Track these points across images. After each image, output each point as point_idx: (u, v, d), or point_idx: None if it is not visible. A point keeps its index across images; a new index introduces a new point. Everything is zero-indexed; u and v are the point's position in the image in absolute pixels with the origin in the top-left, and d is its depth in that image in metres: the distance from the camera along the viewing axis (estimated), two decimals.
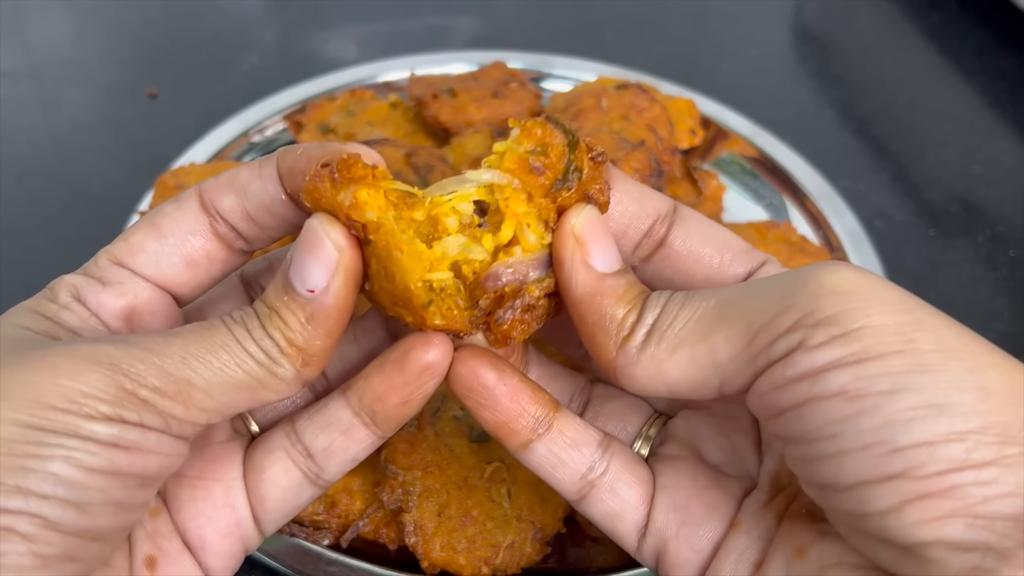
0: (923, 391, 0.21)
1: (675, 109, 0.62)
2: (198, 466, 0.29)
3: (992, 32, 0.82)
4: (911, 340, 0.21)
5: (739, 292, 0.25)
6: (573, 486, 0.30)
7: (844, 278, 0.23)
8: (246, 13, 0.83)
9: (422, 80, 0.62)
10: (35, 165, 0.64)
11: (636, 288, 0.27)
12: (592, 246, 0.27)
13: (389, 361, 0.29)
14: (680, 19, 0.85)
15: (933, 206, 0.65)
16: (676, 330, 0.26)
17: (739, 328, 0.24)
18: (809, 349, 0.22)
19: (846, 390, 0.22)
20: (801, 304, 0.23)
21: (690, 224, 0.30)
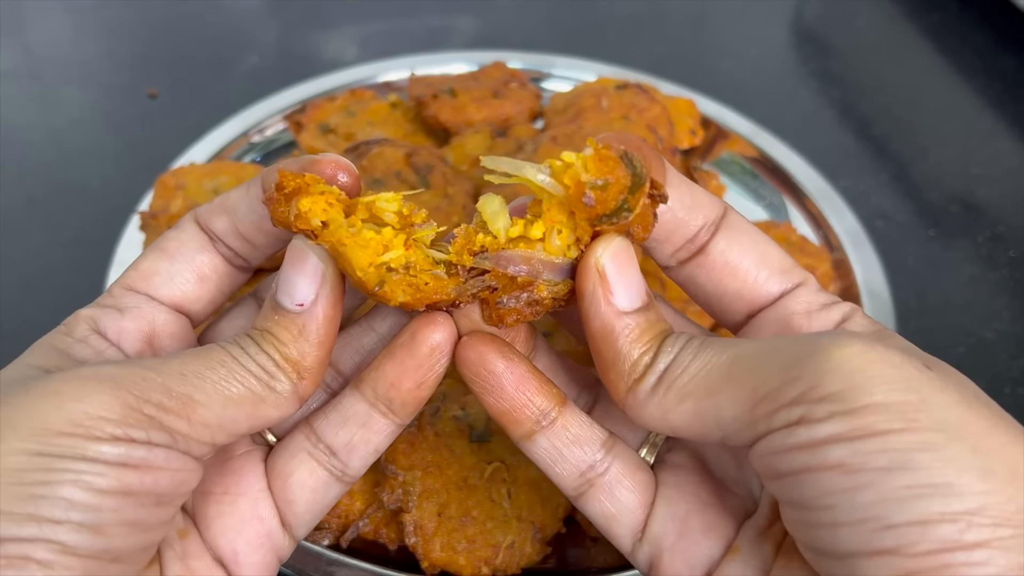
0: (921, 470, 0.21)
1: (675, 109, 0.62)
2: (221, 482, 0.30)
3: (992, 32, 0.82)
4: (914, 419, 0.22)
5: (749, 353, 0.25)
6: (572, 482, 0.30)
7: (852, 354, 0.23)
8: (246, 13, 0.83)
9: (422, 80, 0.62)
10: (35, 165, 0.64)
11: (655, 328, 0.27)
12: (615, 283, 0.27)
13: (398, 347, 0.29)
14: (680, 19, 0.85)
15: (933, 206, 0.65)
16: (684, 382, 0.26)
17: (744, 392, 0.24)
18: (810, 423, 0.22)
19: (844, 464, 0.22)
20: (806, 378, 0.23)
21: (733, 234, 0.29)
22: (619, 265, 0.27)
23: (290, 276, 0.28)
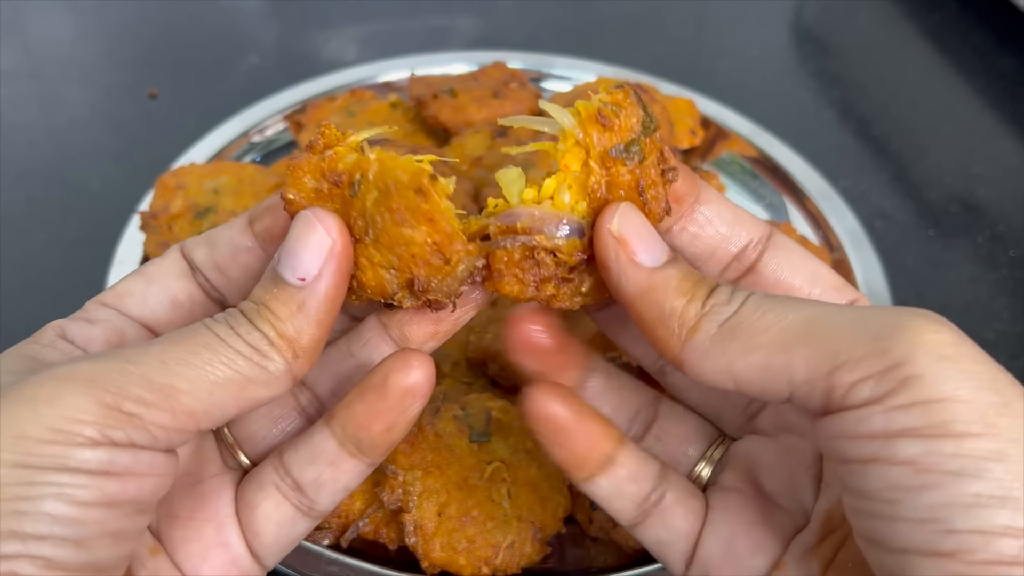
0: (992, 480, 0.21)
1: (675, 109, 0.62)
2: (189, 505, 0.29)
3: (992, 32, 0.82)
4: (993, 424, 0.21)
5: (831, 315, 0.24)
6: (629, 515, 0.30)
7: (945, 340, 0.22)
8: (246, 13, 0.83)
9: (422, 80, 0.62)
10: (35, 165, 0.64)
11: (691, 277, 0.27)
12: (635, 242, 0.26)
13: (369, 388, 0.28)
14: (680, 19, 0.85)
15: (933, 206, 0.65)
16: (754, 333, 0.25)
17: (824, 355, 0.23)
18: (888, 409, 0.22)
19: (915, 461, 0.21)
20: (894, 352, 0.22)
21: (783, 253, 0.29)
22: (633, 225, 0.27)
23: (294, 247, 0.26)
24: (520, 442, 0.42)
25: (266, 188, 0.51)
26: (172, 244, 0.47)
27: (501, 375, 0.45)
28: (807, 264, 0.29)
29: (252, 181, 0.52)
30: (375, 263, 0.27)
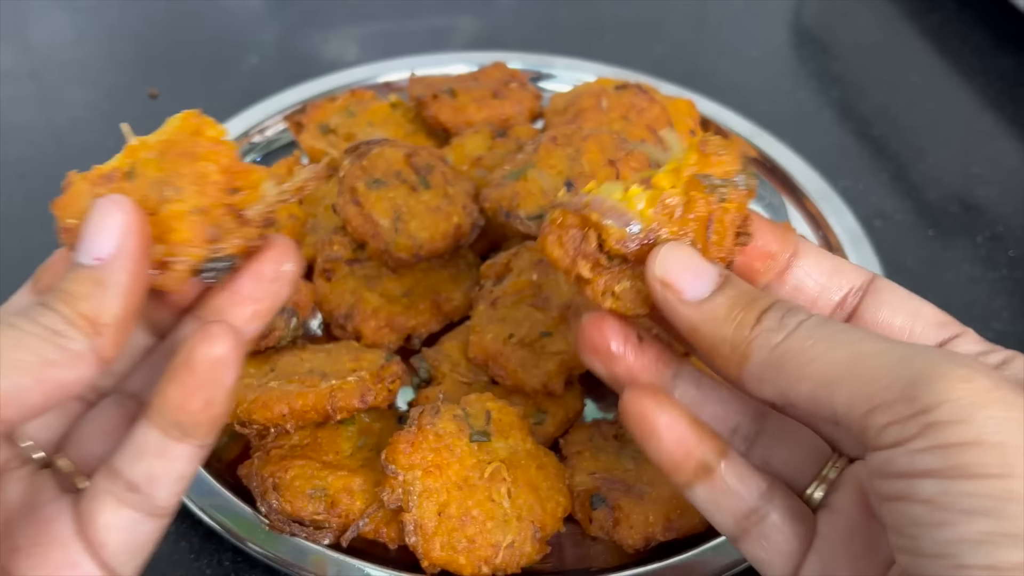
0: (1002, 519, 0.22)
1: (675, 109, 0.62)
2: (29, 534, 0.28)
3: (991, 32, 0.82)
4: (1010, 465, 0.22)
5: (877, 354, 0.25)
6: (728, 528, 0.31)
7: (973, 388, 0.23)
8: (247, 13, 0.83)
9: (422, 80, 0.62)
10: (36, 165, 0.64)
11: (741, 301, 0.28)
12: (679, 283, 0.28)
13: (178, 368, 0.27)
14: (679, 20, 0.85)
15: (932, 206, 0.65)
16: (802, 363, 0.26)
17: (862, 395, 0.24)
18: (912, 452, 0.23)
19: (934, 500, 0.23)
20: (924, 399, 0.23)
21: (883, 295, 0.30)
22: (678, 261, 0.28)
23: (87, 232, 0.27)
24: (520, 442, 0.42)
25: None
26: None
27: (501, 375, 0.45)
28: (908, 303, 0.30)
29: None
30: (182, 217, 0.28)
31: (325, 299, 0.50)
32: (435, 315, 0.51)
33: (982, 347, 0.29)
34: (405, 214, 0.48)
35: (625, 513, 0.41)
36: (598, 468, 0.43)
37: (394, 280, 0.51)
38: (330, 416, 0.42)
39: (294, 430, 0.42)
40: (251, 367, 0.46)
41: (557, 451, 0.45)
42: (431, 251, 0.49)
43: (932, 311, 0.30)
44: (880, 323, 0.30)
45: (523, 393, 0.45)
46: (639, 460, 0.44)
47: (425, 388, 0.47)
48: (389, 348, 0.49)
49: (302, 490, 0.40)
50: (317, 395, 0.41)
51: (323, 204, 0.57)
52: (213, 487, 0.42)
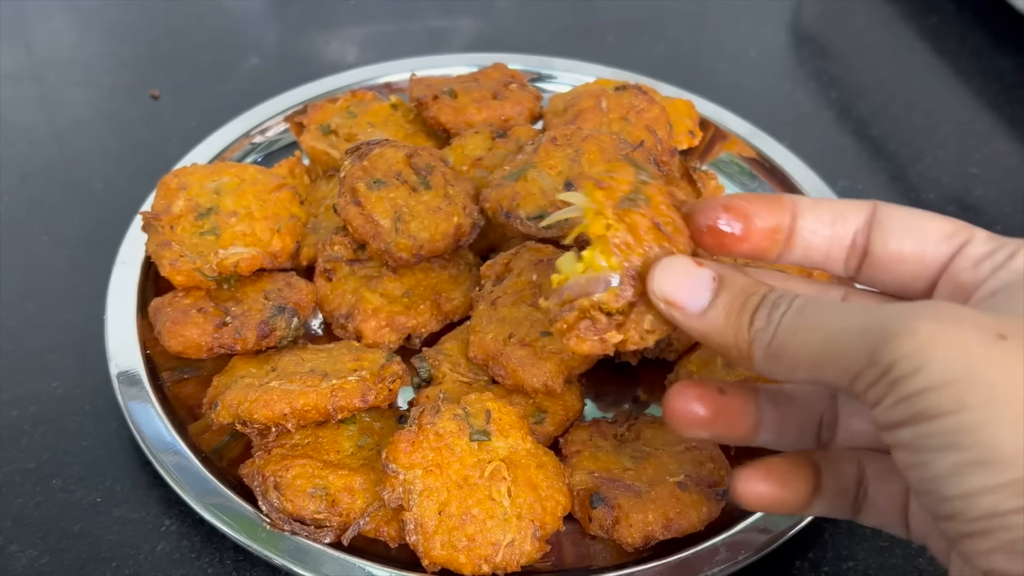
0: (966, 450, 0.24)
1: (674, 110, 0.62)
2: None
3: (990, 33, 0.82)
4: (960, 400, 0.24)
5: (839, 330, 0.27)
6: (848, 514, 0.34)
7: (920, 339, 0.25)
8: (248, 14, 0.84)
9: (423, 81, 0.62)
10: (37, 166, 0.65)
11: (735, 308, 0.29)
12: (679, 299, 0.30)
13: None
14: (679, 21, 0.85)
15: (931, 206, 0.65)
16: (791, 355, 0.28)
17: (841, 370, 0.27)
18: (886, 408, 0.25)
19: (910, 445, 0.25)
20: (881, 362, 0.25)
21: (887, 226, 0.31)
22: (670, 284, 0.30)
23: None
24: (520, 441, 0.42)
25: (267, 189, 0.51)
26: (174, 244, 0.48)
27: (501, 375, 0.45)
28: (913, 225, 0.31)
29: (254, 182, 0.52)
30: None
31: (326, 299, 0.50)
32: (435, 315, 0.51)
33: (991, 246, 0.30)
34: (406, 214, 0.49)
35: (624, 512, 0.41)
36: (598, 467, 0.43)
37: (394, 280, 0.51)
38: (331, 415, 0.42)
39: (295, 429, 0.42)
40: (252, 367, 0.46)
41: (557, 451, 0.45)
42: (431, 251, 0.49)
43: (937, 225, 0.31)
44: (892, 254, 0.31)
45: (523, 393, 0.45)
46: (638, 459, 0.44)
47: (425, 388, 0.47)
48: (389, 348, 0.49)
49: (303, 489, 0.41)
50: (318, 395, 0.41)
51: (324, 204, 0.57)
52: (214, 486, 0.42)
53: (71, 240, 0.59)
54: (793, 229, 0.32)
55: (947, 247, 0.30)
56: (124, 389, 0.46)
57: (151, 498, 0.45)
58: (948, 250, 0.30)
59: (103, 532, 0.44)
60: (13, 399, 0.49)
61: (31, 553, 0.43)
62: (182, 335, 0.46)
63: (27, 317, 0.54)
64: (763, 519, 0.42)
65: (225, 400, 0.42)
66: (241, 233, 0.49)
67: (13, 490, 0.45)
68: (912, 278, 0.31)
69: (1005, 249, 0.29)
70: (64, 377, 0.51)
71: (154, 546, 0.43)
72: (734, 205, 0.31)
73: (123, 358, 0.48)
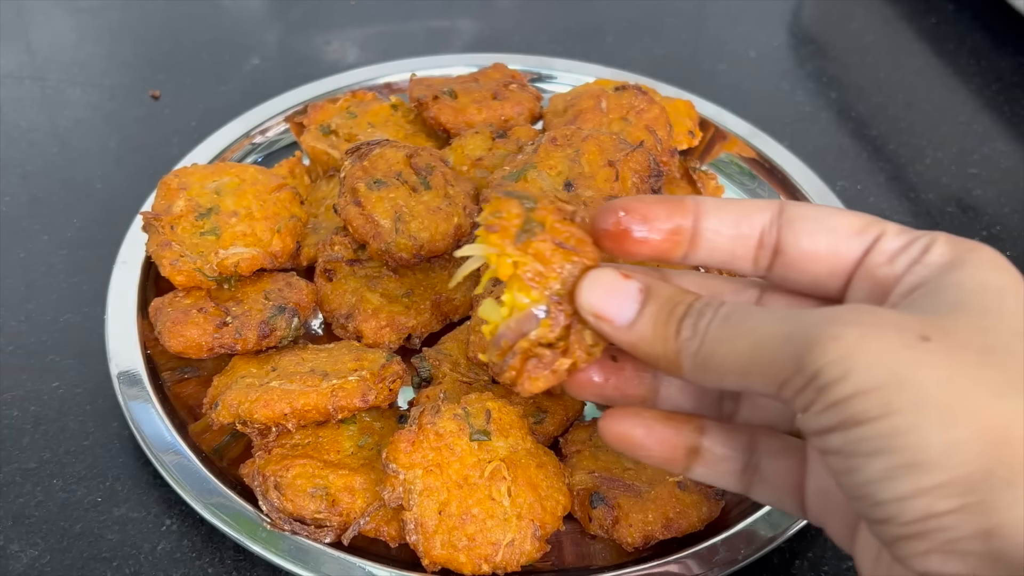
0: (895, 453, 0.24)
1: (674, 110, 0.62)
2: None
3: (989, 34, 0.83)
4: (888, 404, 0.24)
5: (766, 338, 0.27)
6: (737, 488, 0.33)
7: (844, 345, 0.25)
8: (248, 15, 0.84)
9: (423, 82, 0.62)
10: (38, 166, 0.65)
11: (660, 317, 0.29)
12: (606, 313, 0.30)
13: None
14: (679, 21, 0.85)
15: (930, 206, 0.66)
16: (718, 364, 0.28)
17: (768, 379, 0.27)
18: (815, 414, 0.25)
19: (840, 451, 0.25)
20: (807, 371, 0.25)
21: (798, 224, 0.31)
22: (596, 298, 0.30)
23: None
24: (520, 441, 0.42)
25: (268, 189, 0.52)
26: (175, 244, 0.48)
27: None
28: (824, 222, 0.31)
29: (254, 182, 0.52)
30: None
31: (326, 299, 0.50)
32: (435, 315, 0.51)
33: (904, 240, 0.29)
34: (406, 214, 0.49)
35: (624, 512, 0.41)
36: (597, 467, 0.43)
37: (395, 280, 0.51)
38: (331, 415, 0.42)
39: (295, 429, 0.42)
40: (252, 367, 0.46)
41: (557, 450, 0.45)
42: (432, 251, 0.49)
43: (848, 221, 0.30)
44: (805, 253, 0.31)
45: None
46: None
47: (425, 388, 0.47)
48: (390, 348, 0.49)
49: (303, 489, 0.41)
50: (318, 394, 0.41)
51: (324, 205, 0.57)
52: (215, 486, 0.42)
53: (71, 240, 0.59)
54: (697, 230, 0.31)
55: (860, 243, 0.30)
56: (125, 389, 0.46)
57: (151, 498, 0.45)
58: (861, 246, 0.30)
59: (104, 532, 0.44)
60: (14, 399, 0.50)
61: (32, 553, 0.43)
62: (182, 335, 0.46)
63: (27, 317, 0.54)
64: (763, 519, 0.42)
65: (225, 400, 0.42)
66: (241, 233, 0.49)
67: (14, 490, 0.45)
68: (826, 275, 0.31)
69: (919, 242, 0.29)
70: (65, 377, 0.51)
71: (155, 546, 0.44)
72: (631, 207, 0.31)
73: (123, 358, 0.48)
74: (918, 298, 0.28)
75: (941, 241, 0.28)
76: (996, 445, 0.23)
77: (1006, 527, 0.23)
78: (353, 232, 0.49)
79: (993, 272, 0.27)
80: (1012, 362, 0.24)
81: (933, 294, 0.27)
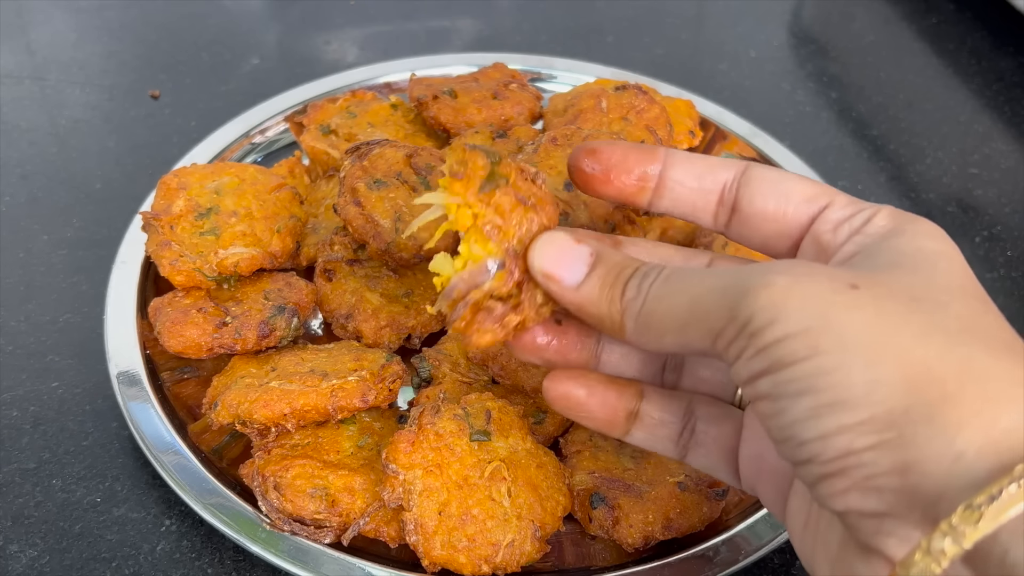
0: (820, 391, 0.24)
1: (674, 110, 0.62)
2: None
3: (989, 34, 0.83)
4: (815, 346, 0.25)
5: (704, 292, 0.28)
6: (673, 453, 0.35)
7: (774, 291, 0.26)
8: (248, 14, 0.84)
9: (423, 81, 0.62)
10: (38, 166, 0.65)
11: (607, 280, 0.30)
12: (555, 273, 0.31)
13: None
14: (679, 21, 0.85)
15: (930, 206, 0.66)
16: (659, 321, 0.29)
17: (703, 331, 0.28)
18: (746, 360, 0.26)
19: (769, 394, 0.26)
20: (740, 318, 0.26)
21: (754, 184, 0.32)
22: (547, 258, 0.31)
23: None
24: (520, 441, 0.42)
25: (267, 189, 0.52)
26: (174, 244, 0.48)
27: (501, 375, 0.45)
28: (779, 186, 0.32)
29: (254, 181, 0.52)
30: None
31: (326, 299, 0.50)
32: (435, 315, 0.51)
33: (850, 209, 0.31)
34: (406, 215, 0.49)
35: (624, 512, 0.41)
36: (598, 467, 0.43)
37: (395, 280, 0.51)
38: (331, 416, 0.42)
39: (295, 429, 0.42)
40: (252, 367, 0.46)
41: (557, 451, 0.45)
42: (432, 251, 0.49)
43: (801, 187, 0.32)
44: (757, 211, 0.32)
45: (523, 393, 0.45)
46: (639, 459, 0.44)
47: (425, 388, 0.47)
48: (390, 348, 0.49)
49: (303, 489, 0.41)
50: (318, 395, 0.41)
51: (324, 205, 0.57)
52: (214, 486, 0.42)
53: (71, 240, 0.59)
54: (663, 180, 0.33)
55: (808, 209, 0.31)
56: (124, 389, 0.46)
57: (151, 498, 0.45)
58: (809, 212, 0.31)
59: (103, 532, 0.44)
60: (13, 399, 0.50)
61: (31, 553, 0.43)
62: (182, 335, 0.46)
63: (27, 317, 0.54)
64: (764, 520, 0.42)
65: (225, 400, 0.42)
66: (241, 233, 0.49)
67: (13, 490, 0.45)
68: (776, 236, 0.32)
69: (862, 214, 0.30)
70: (64, 377, 0.51)
71: (154, 546, 0.43)
72: (605, 150, 0.33)
73: (123, 358, 0.48)
74: (856, 262, 0.29)
75: (884, 213, 0.30)
76: (916, 383, 0.24)
77: (922, 462, 0.23)
78: (353, 232, 0.49)
79: (930, 240, 0.28)
80: (939, 309, 0.25)
81: (870, 257, 0.28)
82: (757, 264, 0.28)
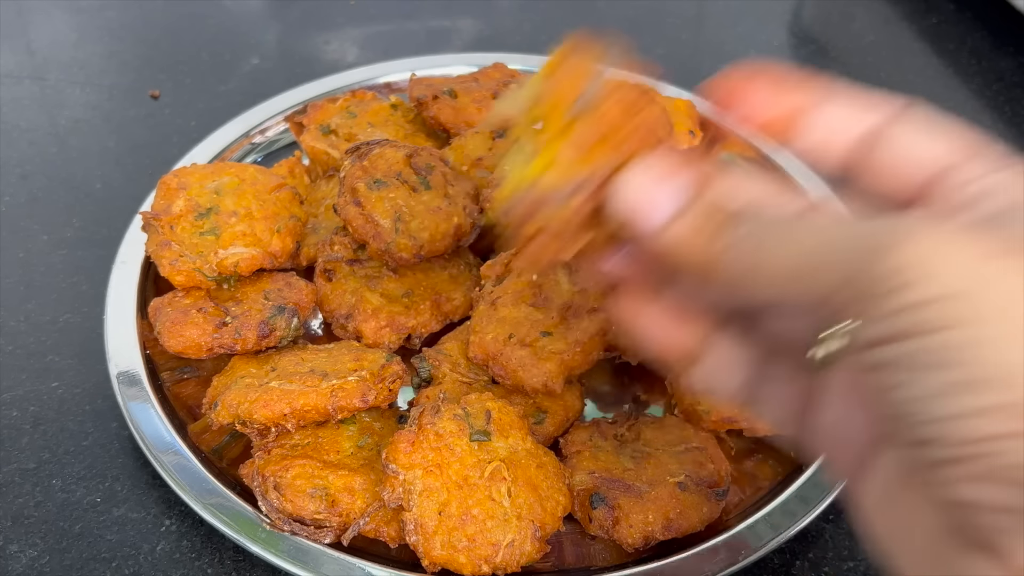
0: (959, 367, 0.21)
1: (674, 110, 0.62)
2: None
3: (989, 34, 0.82)
4: (960, 315, 0.22)
5: (824, 243, 0.25)
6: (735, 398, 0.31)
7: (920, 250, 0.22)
8: (248, 14, 0.84)
9: (423, 81, 0.62)
10: (38, 166, 0.65)
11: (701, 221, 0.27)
12: (640, 211, 0.28)
13: None
14: (679, 21, 0.85)
15: None
16: (763, 272, 0.26)
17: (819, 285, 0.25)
18: (872, 320, 0.23)
19: (893, 363, 0.23)
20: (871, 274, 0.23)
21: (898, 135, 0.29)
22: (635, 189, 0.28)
23: None
24: (520, 441, 0.42)
25: (267, 189, 0.52)
26: (174, 244, 0.48)
27: (501, 375, 0.45)
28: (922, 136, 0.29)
29: (254, 181, 0.52)
30: None
31: (326, 299, 0.50)
32: (435, 315, 0.51)
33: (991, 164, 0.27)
34: (406, 214, 0.49)
35: (624, 512, 0.41)
36: (598, 467, 0.43)
37: (394, 280, 0.51)
38: (331, 416, 0.42)
39: (295, 429, 0.42)
40: (252, 367, 0.46)
41: (557, 451, 0.45)
42: (431, 251, 0.49)
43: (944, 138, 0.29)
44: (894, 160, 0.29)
45: (523, 393, 0.45)
46: (639, 460, 0.44)
47: (425, 388, 0.47)
48: (389, 348, 0.49)
49: (303, 489, 0.41)
50: (318, 395, 0.41)
51: (324, 205, 0.57)
52: (214, 486, 0.42)
53: (71, 240, 0.59)
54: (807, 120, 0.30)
55: (947, 159, 0.28)
56: (124, 389, 0.46)
57: (151, 498, 0.45)
58: (945, 163, 0.28)
59: (103, 532, 0.44)
60: (13, 399, 0.49)
61: (31, 553, 0.43)
62: (182, 335, 0.46)
63: (26, 317, 0.54)
64: (764, 520, 0.42)
65: (225, 400, 0.42)
66: (241, 233, 0.49)
67: (13, 490, 0.45)
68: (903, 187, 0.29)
69: (1008, 171, 0.27)
70: (64, 377, 0.51)
71: (154, 546, 0.43)
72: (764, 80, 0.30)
73: (123, 358, 0.48)
74: (996, 221, 0.26)
75: None
76: None
77: None
78: (353, 232, 0.49)
79: None
80: None
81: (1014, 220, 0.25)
82: (890, 218, 0.24)
